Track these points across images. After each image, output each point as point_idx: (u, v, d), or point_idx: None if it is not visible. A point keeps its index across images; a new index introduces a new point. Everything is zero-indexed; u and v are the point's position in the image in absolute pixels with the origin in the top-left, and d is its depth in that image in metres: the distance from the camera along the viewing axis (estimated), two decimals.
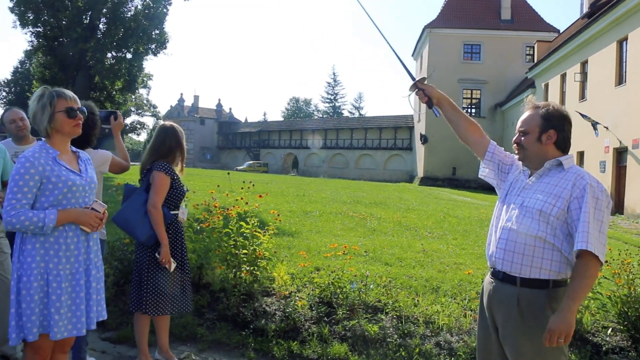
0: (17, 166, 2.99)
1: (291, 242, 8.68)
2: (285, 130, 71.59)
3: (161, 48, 36.83)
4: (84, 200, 3.16)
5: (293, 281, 6.10)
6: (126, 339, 5.10)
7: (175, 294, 4.44)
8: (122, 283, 5.93)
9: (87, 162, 3.34)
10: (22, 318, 2.96)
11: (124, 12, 35.12)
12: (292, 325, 5.17)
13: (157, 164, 4.36)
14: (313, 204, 16.05)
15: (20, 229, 2.95)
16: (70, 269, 3.07)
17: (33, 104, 3.15)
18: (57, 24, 33.26)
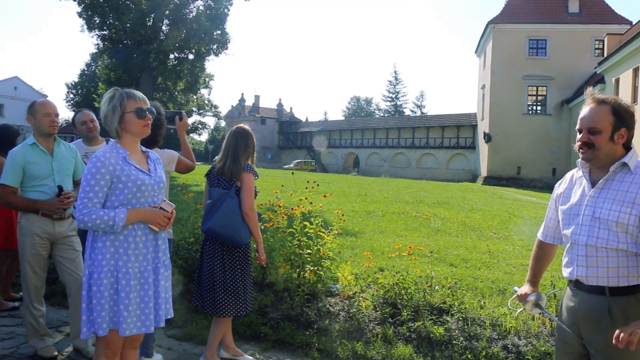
0: (89, 166, 3.05)
1: (354, 242, 8.65)
2: (346, 130, 71.47)
3: (222, 48, 37.29)
4: (153, 199, 3.20)
5: (357, 281, 6.06)
6: (191, 336, 5.18)
7: (247, 293, 4.49)
8: (187, 282, 6.03)
9: (157, 161, 3.39)
10: (93, 313, 3.03)
11: (186, 14, 35.72)
12: (356, 325, 5.14)
13: (246, 165, 4.39)
14: (375, 203, 15.97)
15: (92, 227, 3.01)
16: (139, 267, 3.12)
17: (104, 105, 3.21)
18: (121, 27, 34.16)
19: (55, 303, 5.93)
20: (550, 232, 3.09)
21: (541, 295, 3.03)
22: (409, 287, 5.47)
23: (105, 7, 33.60)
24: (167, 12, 35.08)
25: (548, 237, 3.09)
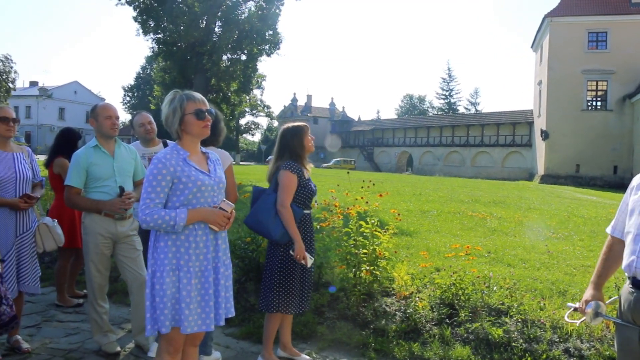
0: (151, 167, 3.12)
1: (410, 241, 8.59)
2: (399, 128, 71.00)
3: (274, 49, 37.51)
4: (213, 199, 3.25)
5: (413, 281, 6.01)
6: (249, 335, 5.23)
7: (304, 293, 4.52)
8: (244, 281, 6.10)
9: (216, 162, 3.43)
10: (156, 311, 3.10)
11: (238, 15, 36.06)
12: (413, 326, 5.10)
13: (284, 163, 4.44)
14: (430, 203, 15.82)
15: (154, 227, 3.08)
16: (200, 266, 3.17)
17: (165, 107, 3.27)
18: (175, 30, 34.73)
19: (116, 301, 6.10)
20: (619, 226, 2.93)
21: (600, 304, 2.87)
22: (467, 287, 5.39)
23: (160, 11, 34.30)
24: (219, 14, 35.53)
25: (617, 230, 2.94)
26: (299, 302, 4.49)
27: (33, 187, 4.77)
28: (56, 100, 75.71)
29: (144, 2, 34.09)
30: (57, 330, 5.34)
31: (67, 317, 5.76)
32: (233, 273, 5.99)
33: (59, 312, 5.86)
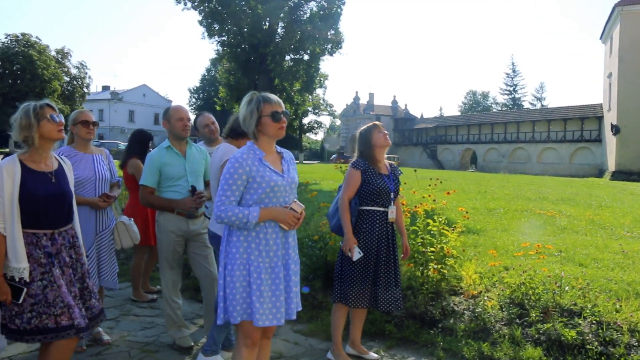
0: (228, 166, 3.24)
1: (477, 240, 8.45)
2: (463, 125, 69.83)
3: (337, 48, 37.58)
4: (285, 199, 3.33)
5: (481, 280, 5.93)
6: (317, 332, 5.29)
7: (366, 289, 4.52)
8: (311, 278, 6.17)
9: (290, 162, 3.51)
10: (227, 302, 3.22)
11: (300, 16, 36.34)
12: (482, 325, 5.04)
13: (354, 162, 4.58)
14: (496, 200, 15.49)
15: (228, 222, 3.21)
16: (270, 263, 3.26)
17: (242, 108, 3.39)
18: (239, 32, 35.31)
19: (188, 297, 6.27)
20: None
21: None
22: (537, 287, 5.28)
23: (224, 14, 34.93)
24: (281, 15, 35.88)
25: None
26: (359, 295, 4.52)
27: (111, 187, 4.98)
28: (126, 103, 78.24)
29: (208, 6, 34.80)
30: (134, 323, 5.56)
31: (142, 311, 6.00)
32: (300, 271, 6.11)
33: (134, 307, 6.10)
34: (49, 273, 3.30)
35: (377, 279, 4.51)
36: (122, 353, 4.79)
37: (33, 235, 3.30)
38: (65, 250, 3.43)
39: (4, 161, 3.29)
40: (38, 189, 3.30)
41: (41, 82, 53.28)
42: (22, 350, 4.71)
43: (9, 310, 3.28)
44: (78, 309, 3.34)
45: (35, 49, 54.59)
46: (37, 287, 3.25)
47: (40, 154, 3.42)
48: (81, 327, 3.30)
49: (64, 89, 58.04)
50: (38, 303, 3.26)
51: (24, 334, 3.27)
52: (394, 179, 4.66)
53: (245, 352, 3.37)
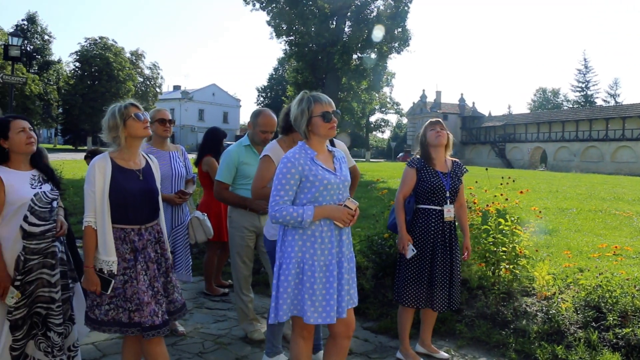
0: (280, 166, 3.29)
1: (549, 240, 8.23)
2: (532, 123, 67.92)
3: (404, 46, 37.13)
4: (338, 197, 3.35)
5: (555, 282, 5.77)
6: (386, 329, 5.30)
7: (421, 289, 4.50)
8: (381, 276, 6.17)
9: (342, 160, 3.54)
10: (279, 301, 3.27)
11: (367, 14, 36.10)
12: (556, 328, 4.92)
13: (410, 160, 4.63)
14: (568, 200, 15.05)
15: (283, 222, 3.25)
16: (324, 261, 3.28)
17: (294, 108, 3.42)
18: (306, 31, 35.39)
19: (259, 292, 6.38)
20: None
21: None
22: (614, 290, 5.11)
23: (292, 14, 35.17)
24: (348, 14, 35.83)
25: None
26: (414, 295, 4.51)
27: (186, 184, 5.14)
28: (196, 102, 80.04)
29: (276, 7, 35.16)
30: (207, 316, 5.73)
31: (215, 304, 6.17)
32: (370, 269, 6.14)
33: (207, 300, 6.27)
34: (131, 269, 3.42)
35: (433, 278, 4.47)
36: (196, 344, 4.95)
37: (121, 230, 3.43)
38: (150, 245, 3.55)
39: (96, 158, 3.44)
40: (127, 186, 3.42)
41: (117, 83, 55.44)
42: (105, 338, 4.93)
43: (90, 299, 3.44)
44: (157, 306, 3.44)
45: (112, 51, 56.81)
46: (118, 281, 3.39)
47: (128, 153, 3.54)
48: (155, 324, 3.39)
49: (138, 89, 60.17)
50: (117, 296, 3.39)
51: (102, 324, 3.42)
52: (453, 177, 4.55)
53: (301, 343, 3.47)
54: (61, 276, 3.63)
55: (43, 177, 3.62)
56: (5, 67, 44.62)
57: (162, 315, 3.45)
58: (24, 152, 3.51)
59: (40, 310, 3.52)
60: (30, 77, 46.95)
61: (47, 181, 3.63)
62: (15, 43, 20.22)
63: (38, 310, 3.52)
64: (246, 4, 35.59)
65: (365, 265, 6.34)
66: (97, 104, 53.73)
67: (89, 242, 3.36)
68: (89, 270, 3.35)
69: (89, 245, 3.36)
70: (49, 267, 3.55)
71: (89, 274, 3.34)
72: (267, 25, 36.44)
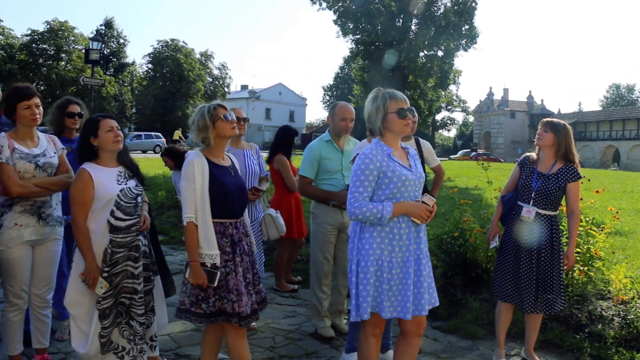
0: (358, 162, 3.31)
1: (625, 242, 7.96)
2: (604, 121, 65.35)
3: (471, 43, 36.55)
4: (415, 193, 3.36)
5: (633, 285, 5.58)
6: (456, 329, 5.26)
7: (506, 281, 4.47)
8: (450, 275, 6.14)
9: (415, 157, 3.55)
10: (359, 299, 3.29)
11: (434, 11, 35.75)
12: (635, 334, 4.77)
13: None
14: None
15: (362, 219, 3.28)
16: (402, 257, 3.30)
17: (368, 105, 3.43)
18: (373, 29, 35.31)
19: None
20: None
21: None
22: None
23: (358, 13, 35.18)
24: (415, 11, 35.55)
25: None
26: (501, 286, 4.49)
27: (260, 181, 5.25)
28: (263, 102, 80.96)
29: (343, 6, 35.25)
30: (277, 312, 5.84)
31: (284, 300, 6.27)
32: (440, 267, 6.12)
33: (277, 296, 6.38)
34: (231, 261, 3.55)
35: (518, 276, 4.41)
36: (267, 339, 5.06)
37: (221, 225, 3.56)
38: (244, 239, 3.70)
39: (192, 155, 3.57)
40: (225, 181, 3.56)
41: (187, 83, 56.83)
42: (180, 330, 5.12)
43: (193, 295, 3.55)
44: (248, 296, 3.57)
45: (182, 53, 58.27)
46: (221, 273, 3.51)
47: (217, 152, 3.67)
48: (246, 314, 3.51)
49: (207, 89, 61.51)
50: (220, 288, 3.52)
51: (210, 316, 3.55)
52: (550, 180, 4.36)
53: (372, 340, 3.50)
54: (144, 269, 3.79)
55: (128, 174, 3.80)
56: (84, 70, 46.76)
57: (251, 305, 3.58)
58: (111, 149, 3.69)
59: (125, 301, 3.69)
60: (107, 79, 48.77)
61: (132, 177, 3.81)
62: (95, 47, 21.16)
63: (122, 300, 3.69)
64: (313, 3, 35.84)
65: (434, 264, 6.30)
66: (168, 104, 55.34)
67: (192, 237, 3.48)
68: (195, 264, 3.46)
69: (192, 241, 3.48)
70: (133, 259, 3.71)
71: (195, 268, 3.46)
72: (334, 24, 36.59)
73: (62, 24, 52.33)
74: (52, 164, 3.97)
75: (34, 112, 3.83)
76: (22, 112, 3.81)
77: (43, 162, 3.90)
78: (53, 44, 51.60)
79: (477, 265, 6.01)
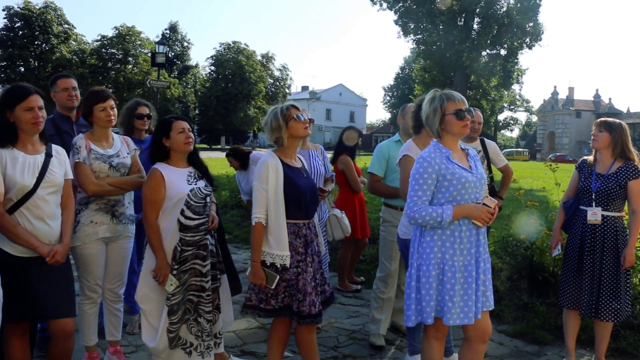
0: (416, 166, 3.28)
1: None
2: None
3: (535, 41, 35.64)
4: (476, 195, 3.31)
5: None
6: (522, 333, 5.15)
7: (569, 287, 4.39)
8: (516, 278, 6.02)
9: (476, 158, 3.49)
10: (422, 303, 3.27)
11: (497, 10, 35.05)
12: None
13: None
14: None
15: (422, 223, 3.25)
16: (463, 261, 3.26)
17: (425, 106, 3.40)
18: (434, 29, 34.95)
19: None
20: None
21: None
22: None
23: (419, 13, 34.88)
24: (477, 10, 34.99)
25: None
26: (564, 292, 4.39)
27: (325, 182, 5.29)
28: (323, 102, 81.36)
29: (404, 6, 35.02)
30: (341, 311, 5.87)
31: (347, 300, 6.30)
32: (505, 270, 6.01)
33: (340, 296, 6.39)
34: (303, 262, 3.61)
35: (580, 282, 4.30)
36: (331, 338, 5.10)
37: (294, 225, 3.63)
38: (315, 239, 3.77)
39: (266, 157, 3.65)
40: (299, 182, 3.63)
41: (248, 85, 57.81)
42: (245, 327, 5.22)
43: (262, 292, 3.62)
44: (316, 297, 3.62)
45: (244, 55, 59.34)
46: (292, 273, 3.58)
47: (290, 152, 3.74)
48: (311, 313, 3.56)
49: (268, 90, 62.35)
50: (291, 287, 3.60)
51: (278, 312, 3.63)
52: (609, 180, 4.24)
53: (435, 344, 3.47)
54: (211, 267, 3.88)
55: (198, 174, 3.90)
56: (150, 73, 48.22)
57: (318, 305, 3.62)
58: (182, 150, 3.80)
59: (192, 298, 3.80)
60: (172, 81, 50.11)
61: (201, 178, 3.91)
62: (161, 51, 21.87)
63: (190, 298, 3.79)
64: (373, 4, 35.75)
65: (499, 267, 6.22)
66: (230, 105, 56.47)
67: (258, 237, 3.56)
68: (257, 265, 3.54)
69: (258, 241, 3.56)
70: (201, 258, 3.80)
71: (256, 268, 3.54)
72: (394, 24, 36.40)
73: (130, 29, 54.26)
74: (125, 164, 4.11)
75: (109, 114, 3.98)
76: (98, 114, 3.96)
77: (117, 163, 4.04)
78: (121, 48, 53.63)
79: (544, 269, 5.87)
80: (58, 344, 3.53)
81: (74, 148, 3.90)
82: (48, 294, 3.40)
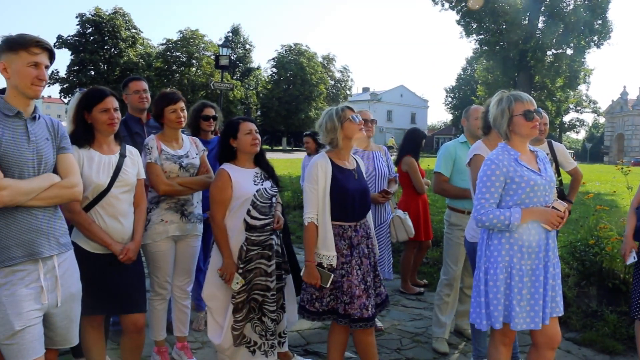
0: (484, 168, 3.24)
1: None
2: None
3: (604, 39, 34.41)
4: (545, 198, 3.24)
5: None
6: (591, 342, 5.00)
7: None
8: (584, 285, 5.84)
9: (545, 160, 3.41)
10: (490, 307, 3.22)
11: (563, 8, 34.09)
12: None
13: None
14: None
15: (489, 226, 3.21)
16: (531, 265, 3.20)
17: (493, 108, 3.37)
18: (497, 29, 34.35)
19: None
20: None
21: None
22: None
23: (482, 13, 34.31)
24: (542, 8, 34.14)
25: None
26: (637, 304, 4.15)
27: (389, 183, 5.29)
28: (384, 104, 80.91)
29: (466, 6, 34.51)
30: (403, 314, 5.86)
31: (410, 303, 6.28)
32: (572, 276, 5.84)
33: (403, 298, 6.40)
34: (348, 264, 3.63)
35: None
36: (394, 340, 5.09)
37: (339, 227, 3.66)
38: (364, 241, 3.76)
39: (317, 157, 3.70)
40: (347, 185, 3.65)
41: (309, 86, 58.30)
42: (308, 327, 5.27)
43: (308, 294, 3.69)
44: (367, 300, 3.61)
45: (305, 57, 59.86)
46: (337, 274, 3.61)
47: (344, 153, 3.77)
48: (363, 317, 3.57)
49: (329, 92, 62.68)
50: (336, 289, 3.63)
51: (322, 314, 3.69)
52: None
53: (503, 350, 3.41)
54: (276, 267, 3.94)
55: (264, 175, 3.98)
56: (213, 75, 49.23)
57: (371, 309, 3.61)
58: (249, 152, 3.89)
59: (257, 297, 3.87)
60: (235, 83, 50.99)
61: (267, 179, 3.98)
62: (225, 53, 22.26)
63: (255, 297, 3.86)
64: (435, 4, 35.40)
65: (566, 273, 6.04)
66: (291, 106, 57.11)
67: (311, 237, 3.60)
68: (311, 264, 3.59)
69: (311, 241, 3.60)
70: (266, 258, 3.87)
71: (310, 268, 3.59)
72: (457, 24, 36.00)
73: (194, 32, 55.56)
74: (195, 164, 4.22)
75: (179, 116, 4.09)
76: (168, 115, 4.08)
77: (186, 163, 4.15)
78: (185, 51, 54.98)
79: (614, 276, 5.69)
80: (130, 338, 3.66)
81: (146, 149, 4.03)
82: (121, 290, 3.53)
